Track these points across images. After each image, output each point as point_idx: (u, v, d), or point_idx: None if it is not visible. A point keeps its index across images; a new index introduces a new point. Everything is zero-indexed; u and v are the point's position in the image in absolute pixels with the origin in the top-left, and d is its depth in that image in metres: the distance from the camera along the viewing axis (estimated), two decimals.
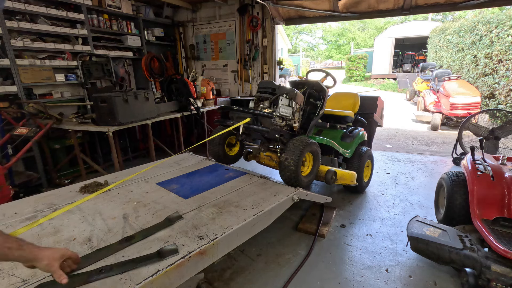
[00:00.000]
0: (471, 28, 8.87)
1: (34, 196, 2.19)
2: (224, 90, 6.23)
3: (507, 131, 4.18)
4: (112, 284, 1.21)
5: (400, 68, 18.68)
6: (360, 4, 4.92)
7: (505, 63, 7.28)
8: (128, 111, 3.44)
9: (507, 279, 1.77)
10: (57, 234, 1.62)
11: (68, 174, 4.32)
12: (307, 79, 3.02)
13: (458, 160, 4.55)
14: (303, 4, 5.08)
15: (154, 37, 5.87)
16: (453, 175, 2.63)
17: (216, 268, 2.26)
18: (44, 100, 3.90)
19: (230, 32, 5.88)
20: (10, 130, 3.45)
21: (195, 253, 1.42)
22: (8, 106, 3.61)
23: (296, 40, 36.45)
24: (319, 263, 2.32)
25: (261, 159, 2.96)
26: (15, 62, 3.60)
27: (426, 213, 3.08)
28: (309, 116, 2.96)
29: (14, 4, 3.57)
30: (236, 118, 2.57)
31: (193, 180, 2.47)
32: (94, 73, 4.43)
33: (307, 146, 2.37)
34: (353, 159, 3.30)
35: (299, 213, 3.11)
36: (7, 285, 1.22)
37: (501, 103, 7.35)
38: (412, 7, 4.69)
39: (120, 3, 5.01)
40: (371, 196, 3.54)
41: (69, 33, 4.20)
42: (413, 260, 2.33)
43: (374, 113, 3.86)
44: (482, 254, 1.90)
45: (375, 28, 30.92)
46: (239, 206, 1.95)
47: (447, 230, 2.14)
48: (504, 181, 2.19)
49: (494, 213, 2.10)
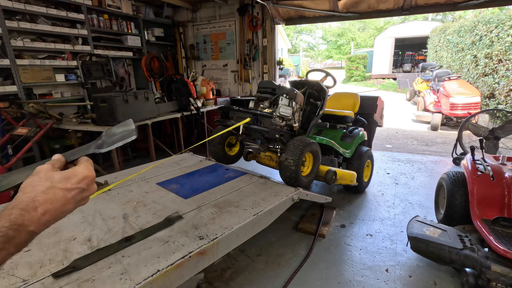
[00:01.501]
0: (471, 28, 8.87)
1: None
2: (224, 90, 6.23)
3: (507, 131, 4.18)
4: (112, 284, 1.21)
5: (400, 68, 18.68)
6: (360, 4, 4.92)
7: (505, 63, 7.28)
8: (128, 111, 3.44)
9: (507, 279, 1.77)
10: (57, 234, 1.62)
11: None
12: (307, 79, 3.02)
13: (458, 160, 4.55)
14: (303, 4, 5.08)
15: (154, 37, 5.87)
16: (453, 175, 2.63)
17: (216, 268, 2.26)
18: (44, 100, 3.89)
19: (230, 32, 5.88)
20: (10, 130, 3.45)
21: (195, 253, 1.42)
22: (8, 106, 3.61)
23: (296, 40, 36.45)
24: (319, 263, 2.32)
25: (261, 159, 2.96)
26: (15, 62, 3.60)
27: (426, 213, 3.08)
28: (309, 116, 2.96)
29: (14, 4, 3.57)
30: (236, 118, 2.57)
31: (193, 180, 2.47)
32: (94, 73, 4.43)
33: (307, 146, 2.37)
34: (353, 159, 3.29)
35: (299, 213, 3.11)
36: (7, 285, 1.22)
37: (501, 103, 7.35)
38: (412, 7, 4.69)
39: (120, 3, 5.01)
40: (371, 196, 3.54)
41: (69, 33, 4.20)
42: (413, 260, 2.33)
43: (374, 113, 3.86)
44: (482, 254, 1.90)
45: (375, 28, 30.92)
46: (239, 206, 1.95)
47: (447, 230, 2.14)
48: (504, 181, 2.19)
49: (494, 213, 2.10)
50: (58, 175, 0.58)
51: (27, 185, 0.55)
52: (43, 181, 0.56)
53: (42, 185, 0.55)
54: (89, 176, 0.61)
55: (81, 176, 0.60)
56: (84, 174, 0.60)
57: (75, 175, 0.59)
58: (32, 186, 0.54)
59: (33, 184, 0.55)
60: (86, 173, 0.61)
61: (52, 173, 0.58)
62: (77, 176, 0.59)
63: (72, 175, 0.59)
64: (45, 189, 0.55)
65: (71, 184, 0.58)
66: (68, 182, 0.58)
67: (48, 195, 0.54)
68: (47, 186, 0.55)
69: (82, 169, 0.61)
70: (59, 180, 0.57)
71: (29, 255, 1.42)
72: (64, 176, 0.58)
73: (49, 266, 1.34)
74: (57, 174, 0.58)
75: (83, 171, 0.60)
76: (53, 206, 0.54)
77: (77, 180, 0.59)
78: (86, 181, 0.60)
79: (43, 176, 0.56)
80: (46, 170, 0.58)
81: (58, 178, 0.57)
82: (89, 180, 0.61)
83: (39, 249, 1.47)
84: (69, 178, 0.58)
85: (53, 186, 0.56)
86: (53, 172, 0.58)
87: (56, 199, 0.55)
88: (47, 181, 0.56)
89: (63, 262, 1.37)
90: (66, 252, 1.45)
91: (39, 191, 0.54)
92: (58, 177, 0.57)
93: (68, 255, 1.42)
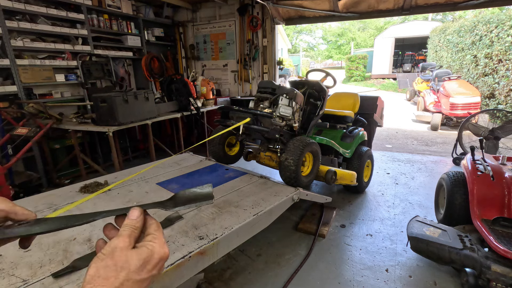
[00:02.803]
0: (471, 28, 8.87)
1: (34, 196, 2.19)
2: (224, 90, 6.23)
3: (507, 131, 4.18)
4: None
5: (400, 68, 18.69)
6: (360, 4, 4.92)
7: (505, 63, 7.28)
8: (128, 111, 3.44)
9: (507, 279, 1.77)
10: (57, 234, 1.62)
11: (68, 174, 4.32)
12: (307, 79, 3.02)
13: (458, 160, 4.55)
14: (303, 4, 5.08)
15: (154, 37, 5.87)
16: (453, 175, 2.63)
17: (216, 268, 2.26)
18: (44, 100, 3.89)
19: (230, 32, 5.88)
20: (10, 130, 3.45)
21: (195, 253, 1.42)
22: (8, 106, 3.61)
23: (296, 40, 36.46)
24: (319, 263, 2.32)
25: (261, 159, 2.96)
26: (15, 62, 3.59)
27: (426, 213, 3.08)
28: (309, 116, 2.96)
29: (14, 4, 3.57)
30: (236, 118, 2.57)
31: (193, 180, 2.47)
32: (94, 73, 4.43)
33: (307, 146, 2.37)
34: (353, 159, 3.30)
35: (299, 213, 3.11)
36: (7, 285, 1.22)
37: (501, 103, 7.35)
38: (412, 7, 4.69)
39: (120, 3, 5.01)
40: (371, 196, 3.54)
41: (69, 33, 4.20)
42: (413, 260, 2.33)
43: (374, 113, 3.86)
44: (482, 254, 1.90)
45: (375, 28, 30.92)
46: (239, 206, 1.95)
47: (447, 230, 2.14)
48: (504, 181, 2.19)
49: (494, 213, 2.10)
50: (135, 259, 0.43)
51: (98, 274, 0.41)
52: (119, 270, 0.42)
53: (117, 277, 0.41)
54: (164, 259, 0.47)
55: (157, 259, 0.46)
56: (160, 256, 0.46)
57: (152, 258, 0.45)
58: (105, 278, 0.41)
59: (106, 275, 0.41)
60: (162, 254, 0.47)
61: (129, 255, 0.43)
62: (154, 259, 0.45)
63: (149, 257, 0.45)
64: (119, 284, 0.41)
65: (147, 271, 0.44)
66: (145, 268, 0.44)
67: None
68: (122, 279, 0.41)
69: (159, 248, 0.47)
70: (137, 268, 0.43)
71: (29, 255, 1.42)
72: (141, 260, 0.44)
73: (49, 266, 1.34)
74: (134, 258, 0.43)
75: (159, 251, 0.47)
76: None
77: (153, 265, 0.45)
78: (161, 264, 0.47)
79: (119, 260, 0.42)
80: (121, 249, 0.44)
81: (135, 265, 0.43)
82: (163, 262, 0.47)
83: (39, 249, 1.47)
84: (146, 263, 0.44)
85: (128, 278, 0.42)
86: (129, 252, 0.44)
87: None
88: (122, 270, 0.42)
89: (63, 262, 1.37)
90: (66, 252, 1.45)
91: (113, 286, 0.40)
92: (135, 263, 0.43)
93: (68, 255, 1.42)
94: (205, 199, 0.57)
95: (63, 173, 4.27)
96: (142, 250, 0.45)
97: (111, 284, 0.40)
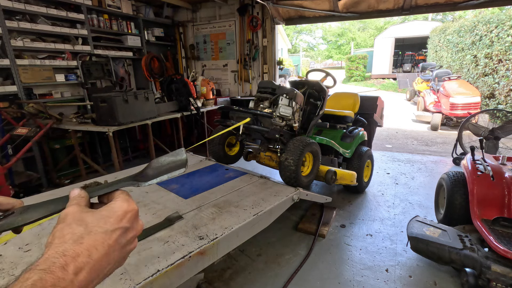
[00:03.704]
0: (471, 28, 8.87)
1: (34, 196, 2.19)
2: (224, 90, 6.23)
3: (507, 131, 4.18)
4: (112, 284, 1.21)
5: (400, 68, 18.68)
6: (360, 4, 4.92)
7: (505, 63, 7.28)
8: (128, 111, 3.44)
9: (507, 279, 1.77)
10: None
11: (68, 174, 4.32)
12: (307, 79, 3.02)
13: (458, 160, 4.55)
14: (303, 4, 5.08)
15: (154, 37, 5.87)
16: (453, 175, 2.63)
17: (216, 268, 2.26)
18: (44, 100, 3.89)
19: (230, 32, 5.88)
20: (10, 130, 3.45)
21: (195, 253, 1.42)
22: (8, 106, 3.61)
23: (296, 40, 36.46)
24: (319, 263, 2.32)
25: (261, 159, 2.96)
26: (15, 62, 3.59)
27: (426, 213, 3.08)
28: (309, 116, 2.96)
29: (14, 4, 3.57)
30: (236, 118, 2.57)
31: (193, 180, 2.47)
32: (94, 73, 4.43)
33: (307, 146, 2.37)
34: (353, 159, 3.30)
35: (299, 213, 3.11)
36: (7, 285, 1.22)
37: (501, 103, 7.35)
38: (412, 7, 4.69)
39: (120, 3, 5.01)
40: (371, 196, 3.54)
41: (69, 33, 4.20)
42: (413, 260, 2.33)
43: (374, 113, 3.86)
44: (482, 254, 1.91)
45: (375, 28, 30.92)
46: (239, 206, 1.95)
47: (447, 230, 2.14)
48: (504, 181, 2.19)
49: (494, 213, 2.10)
50: (91, 216, 0.44)
51: (54, 237, 0.40)
52: (74, 227, 0.41)
53: (73, 233, 0.41)
54: (130, 210, 0.47)
55: (121, 212, 0.46)
56: (124, 209, 0.46)
57: (113, 212, 0.45)
58: (61, 236, 0.40)
59: (62, 233, 0.41)
60: (125, 207, 0.47)
61: (83, 215, 0.43)
62: (115, 212, 0.45)
63: (109, 212, 0.45)
64: (77, 237, 0.40)
65: (110, 224, 0.44)
66: (106, 222, 0.44)
67: (83, 245, 0.40)
68: (79, 234, 0.41)
69: (120, 203, 0.47)
70: (94, 221, 0.43)
71: (29, 255, 1.42)
72: (100, 215, 0.44)
73: None
74: (89, 215, 0.44)
75: (121, 205, 0.47)
76: (91, 258, 0.40)
77: (116, 218, 0.45)
78: (128, 216, 0.46)
79: (72, 220, 0.42)
80: (73, 213, 0.43)
81: (92, 220, 0.43)
82: (131, 215, 0.47)
83: (39, 249, 1.47)
84: (106, 217, 0.44)
85: (88, 231, 0.41)
86: (83, 213, 0.44)
87: (95, 248, 0.41)
88: (78, 226, 0.42)
89: None
90: None
91: (70, 242, 0.39)
92: (92, 218, 0.43)
93: None
94: (178, 167, 0.55)
95: (63, 173, 4.27)
96: (99, 210, 0.46)
97: (69, 238, 0.40)
